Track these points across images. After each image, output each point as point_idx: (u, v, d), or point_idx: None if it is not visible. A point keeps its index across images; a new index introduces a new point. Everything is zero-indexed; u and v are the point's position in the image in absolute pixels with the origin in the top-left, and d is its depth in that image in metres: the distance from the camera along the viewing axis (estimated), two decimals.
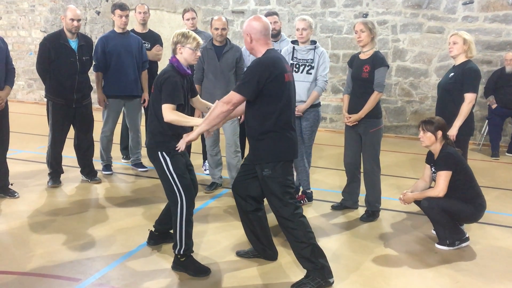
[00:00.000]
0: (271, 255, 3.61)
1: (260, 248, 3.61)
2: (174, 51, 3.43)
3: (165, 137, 3.36)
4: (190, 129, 3.44)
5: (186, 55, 3.39)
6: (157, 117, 3.36)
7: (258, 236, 3.58)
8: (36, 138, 7.34)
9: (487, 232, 4.35)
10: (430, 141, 3.99)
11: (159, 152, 3.37)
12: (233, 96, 3.16)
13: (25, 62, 11.19)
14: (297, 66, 4.74)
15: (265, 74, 3.11)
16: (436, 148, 4.01)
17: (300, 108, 4.65)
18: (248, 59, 5.52)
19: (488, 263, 3.73)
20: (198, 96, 3.71)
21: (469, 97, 4.24)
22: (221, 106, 3.19)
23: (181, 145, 3.34)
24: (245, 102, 3.28)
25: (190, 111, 3.60)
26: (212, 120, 3.24)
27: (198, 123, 3.32)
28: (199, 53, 3.45)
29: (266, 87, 3.13)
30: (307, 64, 4.71)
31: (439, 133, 3.96)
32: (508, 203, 5.20)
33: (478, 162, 6.93)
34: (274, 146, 3.22)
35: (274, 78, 3.13)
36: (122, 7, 5.52)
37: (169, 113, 3.26)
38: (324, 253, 3.26)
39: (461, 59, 4.33)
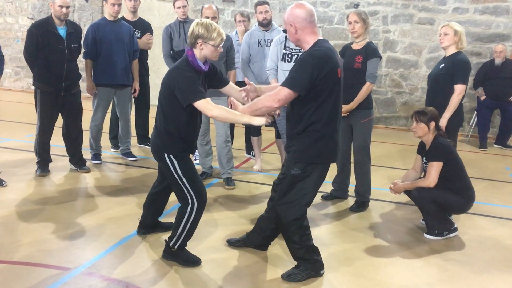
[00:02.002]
0: (262, 246, 3.59)
1: (258, 239, 3.53)
2: (193, 45, 3.08)
3: (171, 138, 3.17)
4: (197, 132, 3.29)
5: (207, 52, 3.08)
6: (164, 115, 3.15)
7: (266, 230, 3.46)
8: (23, 126, 7.25)
9: (475, 222, 4.40)
10: (423, 131, 4.00)
11: (165, 154, 3.18)
12: (283, 91, 2.85)
13: (12, 49, 11.01)
14: (290, 55, 4.72)
15: (317, 68, 2.82)
16: (429, 139, 4.03)
17: None
18: (238, 49, 5.51)
19: (476, 253, 3.77)
20: (230, 83, 3.39)
21: (458, 88, 4.26)
22: (267, 101, 2.89)
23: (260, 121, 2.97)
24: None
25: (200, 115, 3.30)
26: (253, 112, 2.95)
27: (248, 121, 3.00)
28: (221, 49, 3.15)
29: (318, 82, 2.85)
30: (300, 53, 4.69)
31: (432, 124, 3.98)
32: (495, 194, 5.26)
33: (467, 153, 7.00)
34: (311, 145, 2.96)
35: (328, 73, 2.86)
36: None
37: (210, 108, 2.95)
38: (318, 249, 3.23)
39: (452, 50, 4.35)
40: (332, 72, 2.90)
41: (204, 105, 2.98)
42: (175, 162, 3.18)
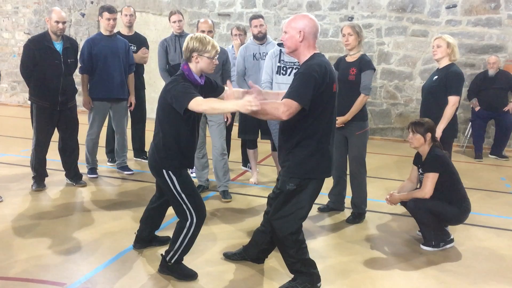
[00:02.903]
0: (259, 259, 3.58)
1: (254, 252, 3.53)
2: (189, 59, 3.11)
3: (169, 152, 3.15)
4: (195, 146, 3.27)
5: (203, 65, 3.10)
6: (162, 130, 3.14)
7: (261, 244, 3.47)
8: (19, 141, 7.25)
9: (471, 233, 4.41)
10: (419, 142, 4.03)
11: (164, 171, 3.16)
12: (292, 104, 2.80)
13: (8, 65, 11.05)
14: (284, 68, 4.76)
15: (319, 82, 2.84)
16: (425, 150, 4.05)
17: None
18: (234, 62, 5.55)
19: (472, 264, 3.78)
20: (226, 88, 3.31)
21: (452, 100, 4.30)
22: (276, 110, 2.81)
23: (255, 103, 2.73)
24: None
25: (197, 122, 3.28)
26: (259, 116, 2.85)
27: (234, 108, 2.82)
28: (216, 62, 3.17)
29: (316, 96, 2.86)
30: (295, 66, 4.73)
31: (428, 135, 4.00)
32: (491, 204, 5.28)
33: (462, 164, 7.02)
34: (306, 160, 2.96)
35: (326, 86, 2.88)
36: (110, 10, 5.49)
37: (200, 103, 2.87)
38: (314, 262, 3.22)
39: (445, 62, 4.39)
40: (329, 86, 2.92)
41: (195, 103, 2.89)
42: (174, 178, 3.16)
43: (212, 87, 3.33)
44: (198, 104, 2.89)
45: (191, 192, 3.21)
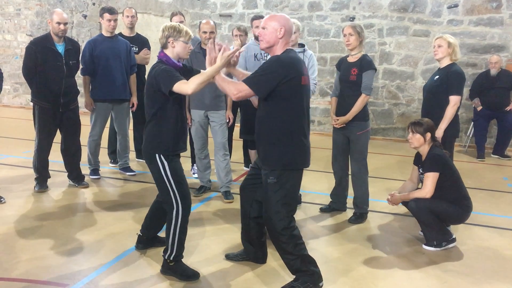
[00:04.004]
0: (261, 258, 3.60)
1: (251, 251, 3.58)
2: (165, 46, 3.26)
3: (162, 137, 3.25)
4: (185, 128, 3.37)
5: (179, 49, 3.25)
6: (152, 118, 3.25)
7: (252, 241, 3.53)
8: (22, 142, 7.27)
9: (474, 233, 4.40)
10: (418, 142, 4.03)
11: (156, 155, 3.25)
12: (243, 87, 2.99)
13: (11, 66, 11.08)
14: None
15: (282, 73, 2.95)
16: (425, 150, 4.05)
17: None
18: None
19: (474, 264, 3.77)
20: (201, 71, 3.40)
21: (453, 100, 4.29)
22: (230, 88, 3.04)
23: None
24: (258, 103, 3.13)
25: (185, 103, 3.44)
26: (219, 83, 3.09)
27: (215, 69, 3.08)
28: (191, 47, 3.32)
29: (281, 88, 2.97)
30: None
31: (428, 135, 4.01)
32: (493, 204, 5.27)
33: (464, 163, 7.01)
34: (283, 152, 3.05)
35: (291, 79, 2.97)
36: (111, 11, 5.50)
37: (186, 85, 3.03)
38: (314, 259, 3.22)
39: (446, 62, 4.39)
40: (296, 80, 3.00)
41: (180, 86, 3.05)
42: (166, 163, 3.25)
43: (188, 70, 3.44)
44: (185, 88, 3.04)
45: (180, 179, 3.29)
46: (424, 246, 4.02)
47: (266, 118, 3.09)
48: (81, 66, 5.44)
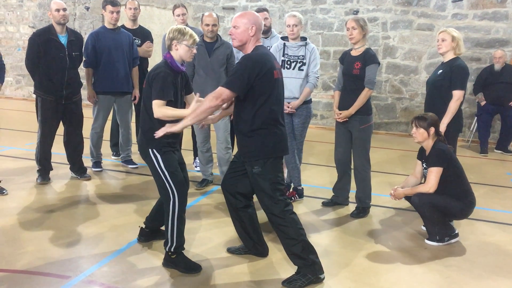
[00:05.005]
0: (261, 252, 3.61)
1: (250, 245, 3.61)
2: (169, 48, 3.36)
3: (154, 132, 3.29)
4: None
5: (182, 52, 3.33)
6: (147, 113, 3.33)
7: (248, 233, 3.58)
8: (24, 134, 7.27)
9: (476, 228, 4.39)
10: (422, 137, 4.01)
11: (149, 150, 3.34)
12: (222, 91, 3.10)
13: (13, 58, 11.07)
14: (289, 62, 4.74)
15: (255, 70, 3.08)
16: (428, 144, 4.03)
17: (293, 104, 4.66)
18: (238, 56, 5.52)
19: (477, 259, 3.76)
20: (193, 93, 3.65)
21: (457, 94, 4.26)
22: (209, 101, 3.11)
23: (159, 133, 3.23)
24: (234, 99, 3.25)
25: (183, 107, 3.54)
26: (199, 115, 3.14)
27: (184, 122, 3.21)
28: (195, 51, 3.40)
29: (256, 83, 3.10)
30: (299, 60, 4.71)
31: (432, 129, 3.99)
32: (496, 199, 5.26)
33: (467, 158, 7.00)
34: (264, 142, 3.19)
35: (264, 74, 3.10)
36: (114, 3, 5.48)
37: (158, 109, 3.23)
38: (314, 249, 3.27)
39: (450, 56, 4.35)
40: (269, 74, 3.12)
41: (156, 104, 3.22)
42: (159, 156, 3.32)
43: (186, 79, 3.56)
44: (154, 110, 3.23)
45: (173, 170, 3.34)
46: (426, 241, 4.01)
47: (245, 113, 3.20)
48: (83, 58, 5.42)
